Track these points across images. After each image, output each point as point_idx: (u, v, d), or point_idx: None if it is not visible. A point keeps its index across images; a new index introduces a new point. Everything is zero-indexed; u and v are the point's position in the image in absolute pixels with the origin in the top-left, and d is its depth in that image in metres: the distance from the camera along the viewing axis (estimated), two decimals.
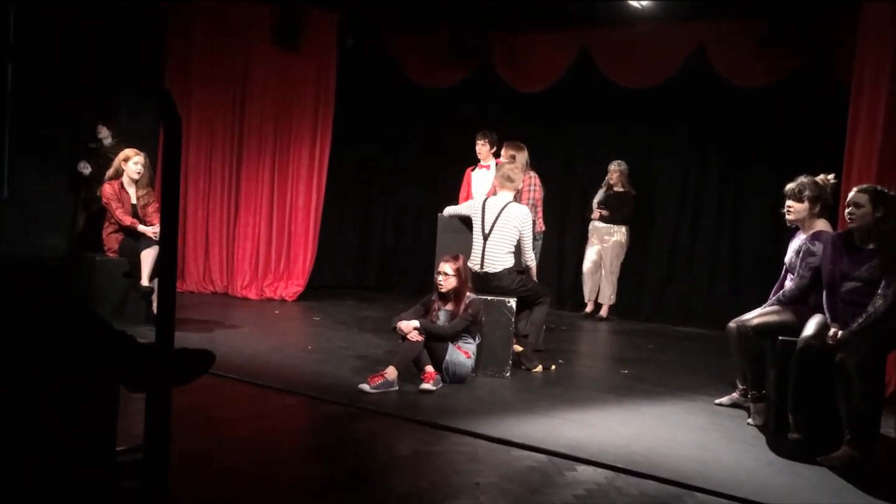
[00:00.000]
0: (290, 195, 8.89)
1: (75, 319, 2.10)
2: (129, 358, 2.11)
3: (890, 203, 4.19)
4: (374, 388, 4.90)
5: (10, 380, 1.91)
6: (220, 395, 4.72)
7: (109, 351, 2.10)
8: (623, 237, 8.74)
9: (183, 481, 3.33)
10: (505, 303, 5.64)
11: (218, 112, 8.89)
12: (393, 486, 3.46)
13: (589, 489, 3.50)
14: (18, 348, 1.94)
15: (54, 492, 1.95)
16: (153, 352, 2.00)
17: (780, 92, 7.76)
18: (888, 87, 5.77)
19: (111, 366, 2.09)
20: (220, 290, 8.90)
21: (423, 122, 9.83)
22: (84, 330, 2.09)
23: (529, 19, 8.57)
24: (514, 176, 5.96)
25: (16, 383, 1.92)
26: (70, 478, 1.99)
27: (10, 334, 1.95)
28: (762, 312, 4.76)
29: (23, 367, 1.93)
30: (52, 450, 1.95)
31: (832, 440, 4.10)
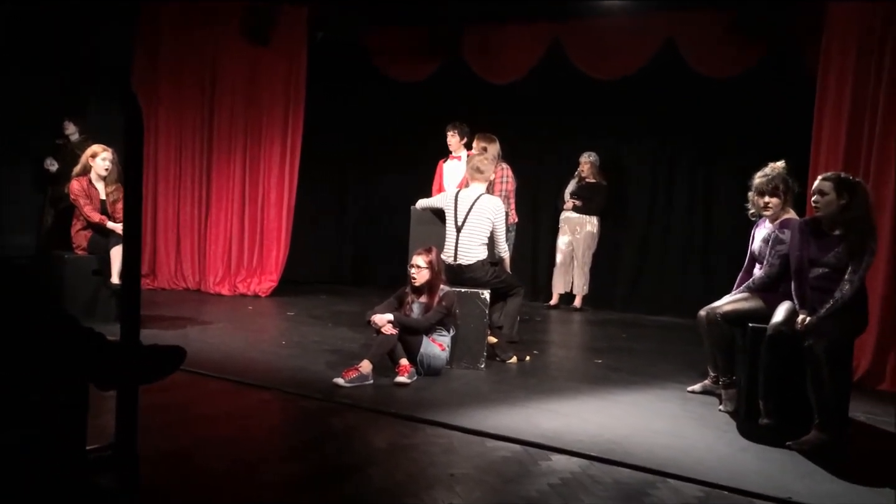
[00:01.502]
0: (261, 190, 8.84)
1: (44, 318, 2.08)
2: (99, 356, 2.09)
3: (854, 190, 4.25)
4: (348, 382, 4.89)
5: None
6: (195, 393, 4.69)
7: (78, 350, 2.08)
8: (595, 228, 8.80)
9: (162, 479, 3.33)
10: (479, 295, 5.65)
11: (187, 107, 8.82)
12: (370, 479, 3.46)
13: (563, 478, 3.53)
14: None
15: (25, 491, 1.93)
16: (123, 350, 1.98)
17: (749, 82, 7.84)
18: (853, 77, 5.85)
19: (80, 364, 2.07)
20: (192, 287, 8.85)
21: (395, 114, 9.81)
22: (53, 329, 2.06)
23: (501, 11, 8.57)
24: (483, 168, 5.97)
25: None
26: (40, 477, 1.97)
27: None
28: (732, 300, 4.82)
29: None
30: (22, 449, 1.93)
31: (802, 425, 4.16)
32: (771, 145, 6.10)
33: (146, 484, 3.21)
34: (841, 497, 3.45)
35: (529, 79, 8.84)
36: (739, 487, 3.47)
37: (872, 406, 5.06)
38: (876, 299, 5.41)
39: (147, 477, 3.27)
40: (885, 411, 4.97)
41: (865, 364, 5.64)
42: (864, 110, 5.80)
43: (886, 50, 5.71)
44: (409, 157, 9.60)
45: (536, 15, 8.54)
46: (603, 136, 9.11)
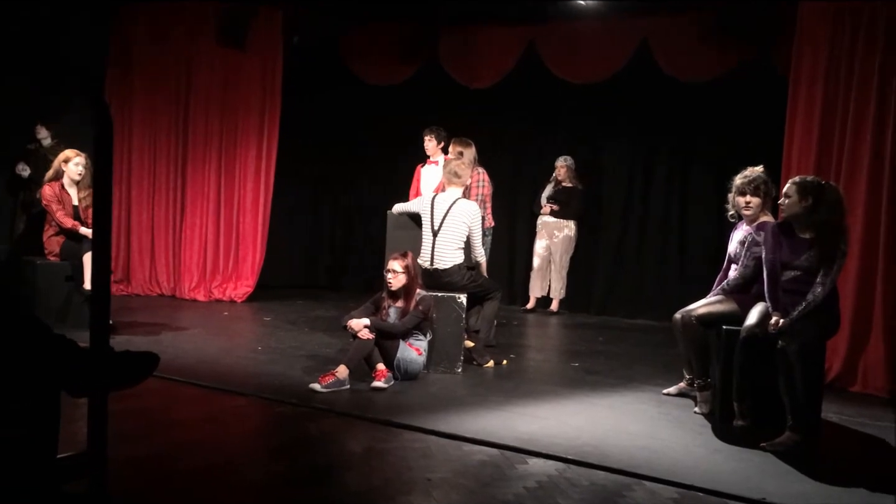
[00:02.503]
0: (237, 194, 8.79)
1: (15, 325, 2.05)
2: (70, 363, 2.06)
3: (820, 194, 4.29)
4: (325, 387, 4.87)
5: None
6: (171, 399, 4.66)
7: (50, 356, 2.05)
8: (572, 232, 8.84)
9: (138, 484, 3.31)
10: (455, 299, 5.65)
11: (162, 111, 8.76)
12: (346, 484, 3.45)
13: (540, 481, 3.53)
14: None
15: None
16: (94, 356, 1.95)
17: (723, 86, 7.90)
18: (823, 79, 5.93)
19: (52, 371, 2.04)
20: (167, 293, 8.77)
21: (372, 118, 9.80)
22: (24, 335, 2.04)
23: (476, 15, 8.59)
24: (461, 172, 5.98)
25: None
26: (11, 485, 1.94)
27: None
28: (706, 303, 4.86)
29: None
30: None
31: (776, 426, 4.20)
32: (746, 148, 6.19)
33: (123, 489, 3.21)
34: (814, 497, 3.48)
35: (506, 83, 8.86)
36: (714, 489, 3.49)
37: (845, 407, 5.12)
38: (848, 301, 5.48)
39: (123, 482, 3.27)
40: (857, 412, 5.03)
41: (838, 365, 5.71)
42: (835, 113, 5.89)
43: (856, 53, 5.80)
44: (386, 162, 9.60)
45: (512, 19, 8.57)
46: (579, 139, 9.15)
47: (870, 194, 5.68)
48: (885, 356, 5.56)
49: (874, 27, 5.73)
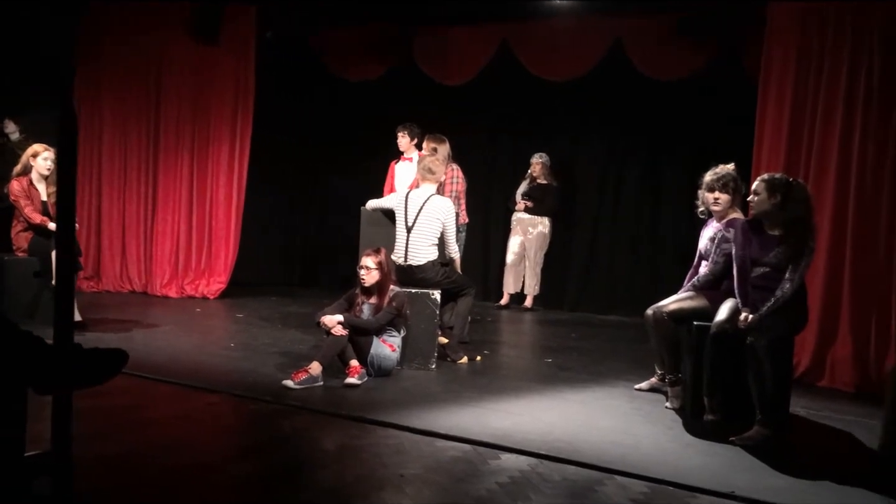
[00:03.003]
0: (210, 190, 8.72)
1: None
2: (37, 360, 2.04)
3: (788, 191, 4.35)
4: (298, 383, 4.85)
5: None
6: (143, 396, 4.62)
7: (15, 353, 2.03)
8: (546, 228, 8.88)
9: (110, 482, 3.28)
10: (429, 295, 5.66)
11: (133, 107, 8.68)
12: (319, 481, 3.44)
13: (512, 476, 3.55)
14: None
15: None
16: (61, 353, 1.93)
17: (696, 85, 7.98)
18: (793, 79, 6.01)
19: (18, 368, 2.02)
20: (138, 289, 8.70)
21: (346, 115, 9.78)
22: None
23: (450, 13, 8.59)
24: (435, 168, 5.99)
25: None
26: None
27: None
28: (677, 299, 4.90)
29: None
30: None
31: (746, 420, 4.26)
32: (718, 146, 6.23)
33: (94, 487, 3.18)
34: (782, 490, 3.53)
35: (480, 80, 8.88)
36: (684, 483, 3.53)
37: (812, 401, 5.20)
38: (815, 297, 5.57)
39: (95, 480, 3.24)
40: (824, 406, 5.11)
41: (806, 361, 5.80)
42: (804, 112, 5.97)
43: (825, 53, 5.88)
44: (360, 158, 9.58)
45: (486, 16, 8.58)
46: (554, 137, 9.20)
47: (838, 192, 5.77)
48: (852, 352, 5.66)
49: (842, 28, 5.81)
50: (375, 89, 9.33)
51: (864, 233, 5.67)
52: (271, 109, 9.07)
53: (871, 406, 4.83)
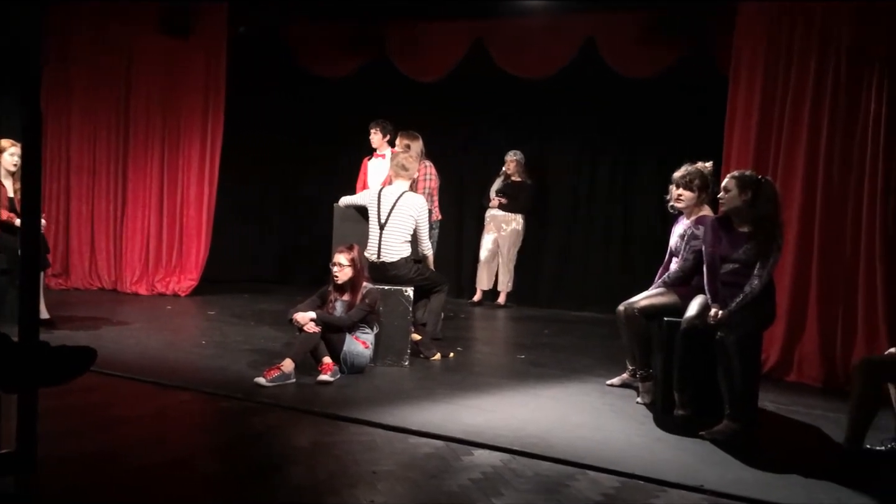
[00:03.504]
0: (180, 187, 8.64)
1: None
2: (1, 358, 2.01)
3: (758, 188, 4.40)
4: (270, 381, 4.83)
5: None
6: (113, 395, 4.57)
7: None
8: (520, 225, 8.91)
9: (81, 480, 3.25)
10: (402, 292, 5.66)
11: (102, 103, 8.58)
12: (291, 478, 3.43)
13: (485, 472, 3.57)
14: None
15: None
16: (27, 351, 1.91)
17: (668, 82, 8.05)
18: (762, 77, 6.06)
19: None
20: (108, 287, 8.60)
21: (318, 111, 9.73)
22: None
23: (424, 10, 8.58)
24: (408, 165, 5.98)
25: None
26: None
27: None
28: (648, 295, 4.94)
29: None
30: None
31: (715, 415, 4.30)
32: (690, 144, 6.30)
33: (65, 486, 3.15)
34: (750, 484, 3.58)
35: (454, 77, 8.87)
36: (654, 477, 3.57)
37: (781, 396, 5.26)
38: (784, 293, 5.63)
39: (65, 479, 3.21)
40: (792, 401, 5.18)
41: (774, 356, 5.87)
42: (773, 110, 6.03)
43: (793, 52, 5.95)
44: (333, 155, 9.55)
45: (459, 13, 8.58)
46: (528, 134, 9.23)
47: (805, 188, 5.84)
48: (819, 347, 5.73)
49: (810, 27, 5.88)
50: (349, 85, 9.30)
51: (831, 230, 5.74)
52: (243, 105, 9.00)
53: (838, 401, 4.90)
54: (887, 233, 5.51)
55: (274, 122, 9.82)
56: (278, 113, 9.79)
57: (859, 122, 5.67)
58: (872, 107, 5.60)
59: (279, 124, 9.89)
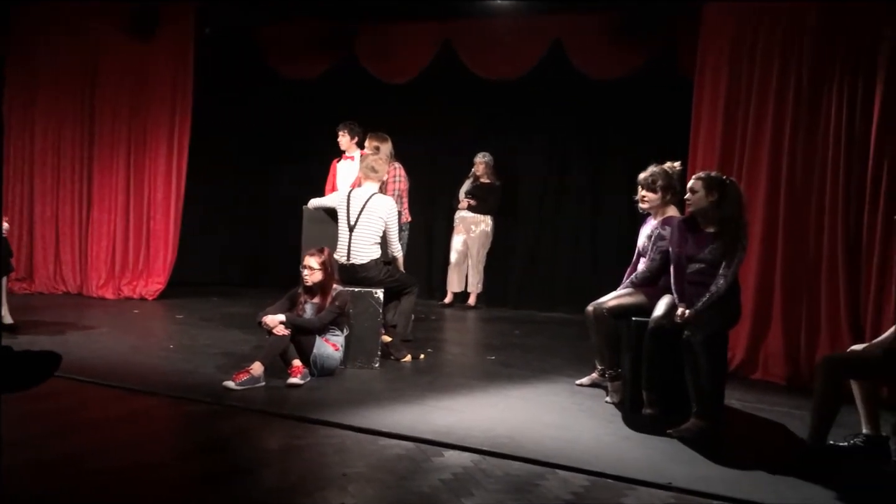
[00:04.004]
0: (147, 190, 8.55)
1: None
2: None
3: (724, 189, 4.47)
4: (239, 384, 4.79)
5: None
6: (80, 400, 4.52)
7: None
8: (489, 227, 8.95)
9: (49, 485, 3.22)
10: (372, 294, 5.65)
11: (67, 103, 8.47)
12: (260, 481, 3.41)
13: (455, 473, 3.57)
14: None
15: None
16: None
17: (636, 84, 8.14)
18: (726, 80, 6.15)
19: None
20: (73, 291, 8.49)
21: (287, 112, 9.69)
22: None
23: (393, 12, 8.58)
24: (378, 167, 5.98)
25: None
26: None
27: None
28: (617, 295, 4.99)
29: None
30: None
31: (682, 413, 4.36)
32: (658, 145, 6.36)
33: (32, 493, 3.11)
34: (716, 480, 3.62)
35: (423, 78, 8.89)
36: (623, 475, 3.60)
37: (746, 394, 5.34)
38: (749, 293, 5.71)
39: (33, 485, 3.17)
40: (757, 398, 5.26)
41: (740, 354, 5.95)
42: (737, 113, 6.12)
43: (756, 54, 6.04)
44: (302, 156, 9.51)
45: (428, 15, 8.60)
46: (497, 136, 9.26)
47: (769, 191, 5.93)
48: (784, 345, 5.82)
49: (773, 30, 5.98)
50: (317, 87, 9.28)
51: (794, 230, 5.84)
52: (211, 107, 8.93)
53: (802, 398, 4.97)
54: (849, 233, 5.62)
55: (243, 123, 9.76)
56: (247, 114, 9.73)
57: (821, 122, 5.77)
58: (833, 107, 5.70)
59: (248, 126, 9.83)
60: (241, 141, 9.92)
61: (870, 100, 5.56)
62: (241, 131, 9.82)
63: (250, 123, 9.82)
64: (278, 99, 9.65)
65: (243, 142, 9.95)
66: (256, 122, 9.85)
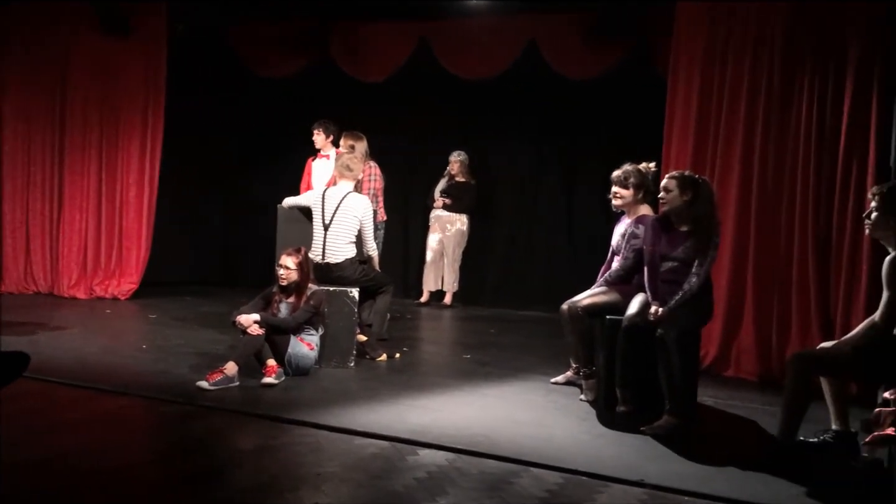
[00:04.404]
0: (119, 189, 8.46)
1: None
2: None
3: (697, 188, 4.51)
4: (213, 384, 4.76)
5: None
6: (50, 401, 4.47)
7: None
8: (464, 226, 8.96)
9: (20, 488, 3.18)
10: (347, 293, 5.64)
11: (37, 102, 8.37)
12: (234, 481, 3.40)
13: (430, 471, 3.58)
14: None
15: None
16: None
17: (608, 83, 8.16)
18: (699, 82, 6.19)
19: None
20: (44, 291, 8.39)
21: (262, 111, 9.64)
22: None
23: (368, 10, 8.56)
24: (353, 166, 5.97)
25: None
26: None
27: None
28: (591, 294, 5.02)
29: None
30: None
31: (656, 410, 4.39)
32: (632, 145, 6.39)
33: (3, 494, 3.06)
34: (689, 477, 3.65)
35: (399, 77, 8.88)
36: (596, 472, 3.62)
37: (719, 391, 5.39)
38: (721, 290, 5.77)
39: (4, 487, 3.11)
40: (730, 395, 5.31)
41: (713, 351, 6.00)
42: (710, 113, 6.16)
43: (728, 54, 6.09)
44: (277, 155, 9.45)
45: (404, 14, 8.58)
46: (472, 135, 9.27)
47: (741, 189, 5.98)
48: (756, 342, 5.88)
49: (745, 29, 6.03)
50: (293, 86, 9.23)
51: (766, 227, 5.89)
52: (186, 105, 8.86)
53: (774, 394, 5.03)
54: (819, 230, 5.69)
55: (217, 122, 9.69)
56: (222, 113, 9.66)
57: (791, 120, 5.83)
58: (805, 106, 5.76)
59: (223, 125, 9.77)
60: (216, 140, 9.85)
61: (840, 98, 5.62)
62: (215, 130, 9.74)
63: (225, 122, 9.76)
64: (253, 98, 9.59)
65: (218, 140, 9.87)
66: (231, 121, 9.78)
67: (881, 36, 5.50)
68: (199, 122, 9.41)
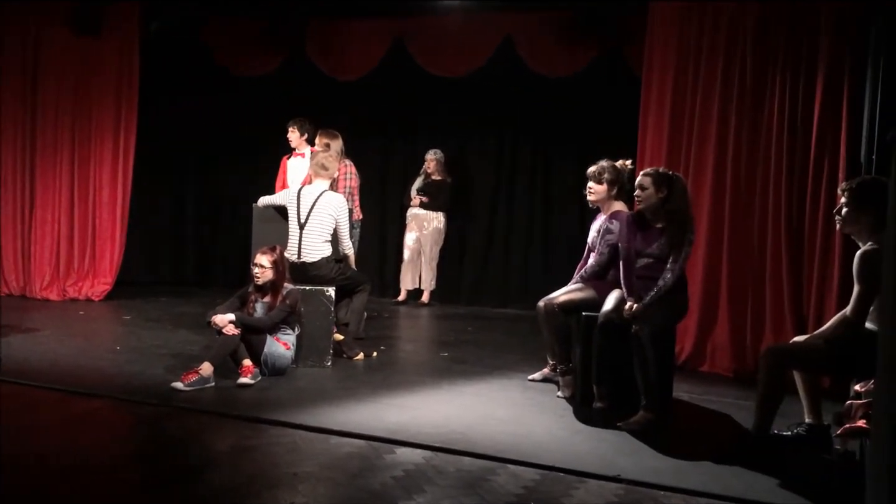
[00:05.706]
0: (92, 188, 8.35)
1: None
2: None
3: (672, 185, 4.54)
4: (188, 385, 4.72)
5: None
6: (22, 404, 4.41)
7: None
8: (441, 224, 8.95)
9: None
10: (324, 292, 5.61)
11: (7, 101, 8.21)
12: (210, 482, 3.37)
13: (407, 470, 3.58)
14: None
15: None
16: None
17: (584, 81, 8.20)
18: (673, 79, 6.23)
19: None
20: (15, 292, 8.26)
21: (237, 110, 9.55)
22: None
23: (343, 8, 8.53)
24: (328, 164, 5.94)
25: None
26: None
27: None
28: (567, 291, 5.04)
29: None
30: None
31: (632, 406, 4.42)
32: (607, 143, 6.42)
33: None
34: (665, 472, 3.68)
35: (374, 75, 8.85)
36: (573, 468, 3.64)
37: (694, 386, 5.43)
38: (696, 286, 5.81)
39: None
40: (705, 390, 5.36)
41: (688, 347, 6.05)
42: (684, 111, 6.20)
43: (702, 53, 6.13)
44: (252, 154, 9.38)
45: (379, 12, 8.56)
46: (448, 133, 9.26)
47: (715, 186, 6.03)
48: (730, 338, 5.93)
49: (717, 27, 6.08)
50: (268, 84, 9.17)
51: (740, 224, 5.95)
52: (161, 104, 8.78)
53: (748, 389, 5.07)
54: (791, 225, 5.74)
55: (192, 121, 9.59)
56: (196, 112, 9.56)
57: (764, 117, 5.89)
58: (777, 102, 5.82)
59: (197, 123, 9.66)
60: (190, 138, 9.75)
61: (811, 95, 5.69)
62: (190, 128, 9.64)
63: (199, 121, 9.66)
64: (228, 96, 9.50)
65: (192, 139, 9.78)
66: (205, 120, 9.68)
67: (850, 33, 5.57)
68: (173, 121, 9.32)
